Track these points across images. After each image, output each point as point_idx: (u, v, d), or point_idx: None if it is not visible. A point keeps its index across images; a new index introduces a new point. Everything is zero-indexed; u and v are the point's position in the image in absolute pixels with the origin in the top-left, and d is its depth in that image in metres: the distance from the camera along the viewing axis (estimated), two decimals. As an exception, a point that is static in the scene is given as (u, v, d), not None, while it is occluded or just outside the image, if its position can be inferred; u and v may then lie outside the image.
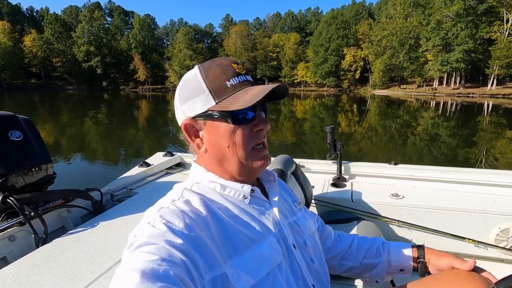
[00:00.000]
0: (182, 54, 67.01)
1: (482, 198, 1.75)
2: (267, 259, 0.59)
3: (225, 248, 0.56)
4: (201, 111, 0.62)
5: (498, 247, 1.62)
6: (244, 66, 0.66)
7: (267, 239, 0.62)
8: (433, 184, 1.99)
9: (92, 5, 73.51)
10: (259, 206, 0.67)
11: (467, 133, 10.85)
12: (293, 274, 0.65)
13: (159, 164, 2.26)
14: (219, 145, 0.63)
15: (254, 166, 0.64)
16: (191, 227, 0.53)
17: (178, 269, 0.45)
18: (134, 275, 0.41)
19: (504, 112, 18.87)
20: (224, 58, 0.65)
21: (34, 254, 1.10)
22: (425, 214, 1.73)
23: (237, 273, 0.54)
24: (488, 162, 6.74)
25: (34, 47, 62.56)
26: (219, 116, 0.60)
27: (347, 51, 54.58)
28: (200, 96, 0.61)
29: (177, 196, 0.61)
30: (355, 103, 28.44)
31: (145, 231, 0.50)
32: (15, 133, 1.28)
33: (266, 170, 0.76)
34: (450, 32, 39.44)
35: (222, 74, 0.61)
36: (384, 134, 10.71)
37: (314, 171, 2.28)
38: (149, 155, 2.53)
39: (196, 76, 0.63)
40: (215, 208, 0.61)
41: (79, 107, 24.28)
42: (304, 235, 0.74)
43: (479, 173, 1.93)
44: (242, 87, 0.61)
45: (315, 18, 75.96)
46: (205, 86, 0.61)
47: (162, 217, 0.53)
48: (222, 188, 0.65)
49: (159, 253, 0.45)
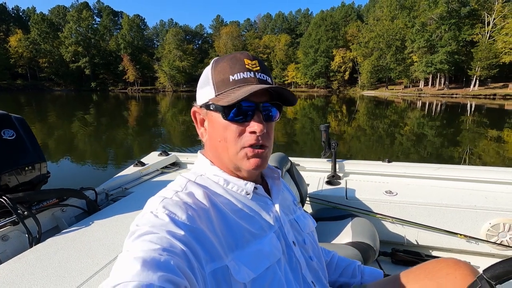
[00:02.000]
0: (172, 55, 66.39)
1: (473, 195, 1.79)
2: (267, 254, 0.60)
3: (227, 241, 0.56)
4: (204, 101, 0.63)
5: (489, 242, 1.67)
6: (261, 63, 0.63)
7: (268, 235, 0.63)
8: (426, 181, 2.03)
9: (80, 5, 72.16)
10: (261, 202, 0.67)
11: (452, 132, 11.16)
12: (292, 270, 0.65)
13: (154, 164, 2.25)
14: (214, 138, 0.64)
15: (243, 166, 0.62)
16: (193, 219, 0.53)
17: (179, 259, 0.45)
18: (135, 263, 0.41)
19: (486, 112, 19.46)
20: (241, 53, 0.63)
21: (27, 253, 1.09)
22: (417, 211, 1.77)
23: (238, 266, 0.54)
24: (474, 159, 6.96)
25: (20, 47, 60.81)
26: (215, 109, 0.60)
27: (336, 52, 55.25)
28: (207, 87, 0.62)
29: (180, 187, 0.61)
30: (344, 104, 28.77)
31: (148, 221, 0.51)
32: (8, 132, 1.26)
33: (270, 167, 0.76)
34: (434, 34, 40.50)
35: (229, 68, 0.60)
36: (372, 134, 10.88)
37: (309, 169, 2.31)
38: (144, 155, 2.51)
39: (209, 67, 0.64)
40: (218, 202, 0.61)
41: (68, 108, 23.76)
42: (303, 233, 0.75)
43: (470, 170, 1.98)
44: (244, 83, 0.59)
45: (305, 20, 76.65)
46: (211, 77, 0.62)
47: (165, 208, 0.53)
48: (225, 183, 0.65)
49: (161, 242, 0.46)
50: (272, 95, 0.63)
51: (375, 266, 1.64)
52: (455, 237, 1.71)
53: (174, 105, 28.46)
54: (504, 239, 1.66)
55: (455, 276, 0.67)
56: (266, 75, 0.62)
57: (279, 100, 0.64)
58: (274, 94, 0.63)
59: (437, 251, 1.83)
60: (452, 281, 0.67)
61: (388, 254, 1.79)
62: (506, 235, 1.65)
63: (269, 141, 0.64)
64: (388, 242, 1.87)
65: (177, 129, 12.60)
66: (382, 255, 1.79)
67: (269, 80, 0.63)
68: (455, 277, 0.67)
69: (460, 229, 1.71)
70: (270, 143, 0.64)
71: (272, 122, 0.65)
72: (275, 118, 0.65)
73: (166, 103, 31.21)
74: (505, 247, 1.65)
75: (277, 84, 0.61)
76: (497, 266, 0.56)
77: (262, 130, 0.60)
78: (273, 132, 0.67)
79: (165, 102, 32.82)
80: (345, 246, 1.43)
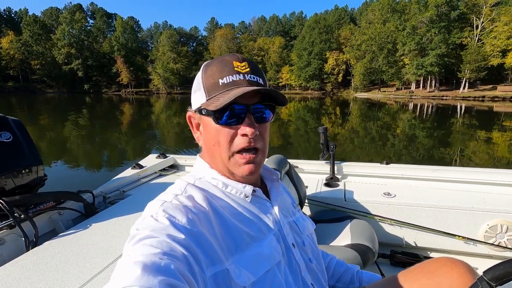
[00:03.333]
0: (166, 57, 66.06)
1: (471, 196, 1.80)
2: (267, 257, 0.60)
3: (227, 244, 0.56)
4: (197, 106, 0.63)
5: (487, 243, 1.67)
6: (252, 64, 0.62)
7: (268, 237, 0.63)
8: (424, 183, 2.04)
9: (74, 6, 71.41)
10: (260, 205, 0.67)
11: (443, 134, 11.35)
12: (292, 272, 0.65)
13: (152, 166, 2.24)
14: (208, 142, 0.64)
15: (236, 173, 0.62)
16: (193, 223, 0.52)
17: (180, 263, 0.44)
18: (135, 268, 0.41)
19: (476, 114, 19.81)
20: (230, 55, 0.62)
21: (24, 257, 1.07)
22: (416, 212, 1.77)
23: (239, 269, 0.54)
24: (465, 160, 7.06)
25: (12, 49, 59.82)
26: (206, 114, 0.61)
27: (330, 55, 55.71)
28: (199, 92, 0.63)
29: (180, 191, 0.61)
30: (338, 106, 28.99)
31: (148, 225, 0.50)
32: (5, 135, 1.25)
33: (269, 169, 0.76)
34: (425, 37, 41.17)
35: (218, 72, 0.60)
36: (365, 136, 10.98)
37: (307, 172, 2.32)
38: (141, 157, 2.49)
39: (200, 71, 0.64)
40: (217, 205, 0.61)
41: (61, 110, 23.46)
42: (302, 235, 0.75)
43: (468, 172, 1.99)
44: (234, 86, 0.58)
45: (299, 22, 77.12)
46: (202, 82, 0.62)
47: (165, 211, 0.53)
48: (224, 186, 0.64)
49: (161, 246, 0.45)
50: (264, 95, 0.62)
51: (374, 268, 1.65)
52: (453, 239, 1.71)
53: (169, 107, 28.32)
54: (502, 240, 1.66)
55: (452, 274, 0.69)
56: (257, 76, 0.61)
57: (271, 101, 0.63)
58: (266, 94, 0.62)
59: (435, 252, 1.83)
60: (449, 279, 0.68)
61: (387, 256, 1.79)
62: (504, 236, 1.65)
63: (263, 142, 0.63)
64: (387, 244, 1.87)
65: (172, 131, 12.54)
66: (381, 257, 1.79)
67: (260, 81, 0.61)
68: (452, 275, 0.68)
69: (458, 231, 1.71)
70: (264, 145, 0.64)
71: (265, 123, 0.63)
72: (268, 119, 0.64)
73: (160, 105, 31.04)
74: (503, 248, 1.66)
75: (271, 86, 0.60)
76: (497, 267, 0.56)
77: (254, 133, 0.59)
78: (268, 133, 0.66)
79: (159, 104, 32.65)
80: (344, 248, 1.43)
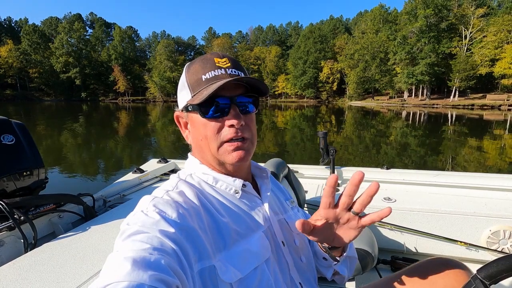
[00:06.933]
0: (163, 65, 66.61)
1: (473, 201, 1.77)
2: (255, 254, 0.60)
3: (215, 241, 0.56)
4: (184, 104, 0.64)
5: (490, 249, 1.63)
6: (232, 59, 0.64)
7: (257, 234, 0.63)
8: (425, 188, 2.01)
9: (73, 16, 72.16)
10: (250, 202, 0.67)
11: (435, 141, 11.50)
12: (281, 270, 0.65)
13: (153, 171, 2.24)
14: (196, 137, 0.65)
15: (226, 161, 0.63)
16: (183, 217, 0.53)
17: (169, 258, 0.44)
18: (125, 263, 0.40)
19: (467, 121, 20.08)
20: (211, 53, 0.65)
21: (22, 259, 1.07)
22: (417, 218, 1.74)
23: (225, 266, 0.54)
24: (461, 165, 7.13)
25: (10, 57, 60.13)
26: (192, 110, 0.62)
27: (324, 64, 56.57)
28: (184, 90, 0.64)
29: (171, 187, 0.61)
30: (333, 114, 29.19)
31: (138, 220, 0.50)
32: (8, 137, 1.26)
33: (259, 167, 0.77)
34: (415, 47, 42.15)
35: (200, 69, 0.62)
36: (359, 143, 11.06)
37: (307, 176, 2.31)
38: (141, 162, 2.50)
39: (184, 71, 0.66)
40: (207, 201, 0.61)
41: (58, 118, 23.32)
42: (293, 233, 0.74)
43: (470, 177, 1.96)
44: (216, 80, 0.60)
45: (295, 32, 78.48)
46: (186, 80, 0.64)
47: (155, 206, 0.53)
48: (214, 181, 0.65)
49: (151, 242, 0.45)
50: (247, 88, 0.64)
51: (374, 274, 1.64)
52: (455, 245, 1.67)
53: (165, 115, 28.32)
54: (505, 246, 1.61)
55: (447, 274, 0.70)
56: (238, 70, 0.63)
57: (254, 92, 0.65)
58: (249, 86, 0.64)
59: None
60: (443, 279, 0.70)
61: (388, 262, 1.76)
62: (507, 242, 1.61)
63: (250, 132, 0.64)
64: (387, 250, 1.84)
65: (169, 138, 12.53)
66: (382, 263, 1.76)
67: (241, 74, 0.63)
68: (447, 275, 0.70)
69: (460, 236, 1.67)
70: (251, 135, 0.65)
71: (250, 114, 0.65)
72: (253, 110, 0.66)
73: (156, 113, 31.04)
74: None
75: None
76: (490, 265, 0.56)
77: (240, 123, 0.60)
78: (254, 123, 0.67)
79: (155, 112, 32.64)
80: None
